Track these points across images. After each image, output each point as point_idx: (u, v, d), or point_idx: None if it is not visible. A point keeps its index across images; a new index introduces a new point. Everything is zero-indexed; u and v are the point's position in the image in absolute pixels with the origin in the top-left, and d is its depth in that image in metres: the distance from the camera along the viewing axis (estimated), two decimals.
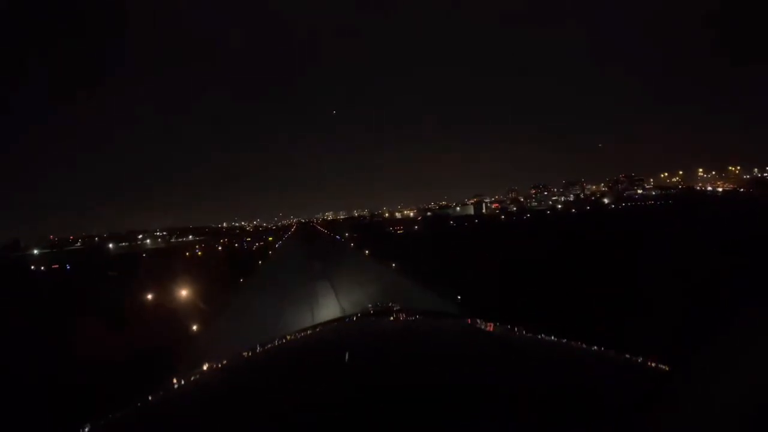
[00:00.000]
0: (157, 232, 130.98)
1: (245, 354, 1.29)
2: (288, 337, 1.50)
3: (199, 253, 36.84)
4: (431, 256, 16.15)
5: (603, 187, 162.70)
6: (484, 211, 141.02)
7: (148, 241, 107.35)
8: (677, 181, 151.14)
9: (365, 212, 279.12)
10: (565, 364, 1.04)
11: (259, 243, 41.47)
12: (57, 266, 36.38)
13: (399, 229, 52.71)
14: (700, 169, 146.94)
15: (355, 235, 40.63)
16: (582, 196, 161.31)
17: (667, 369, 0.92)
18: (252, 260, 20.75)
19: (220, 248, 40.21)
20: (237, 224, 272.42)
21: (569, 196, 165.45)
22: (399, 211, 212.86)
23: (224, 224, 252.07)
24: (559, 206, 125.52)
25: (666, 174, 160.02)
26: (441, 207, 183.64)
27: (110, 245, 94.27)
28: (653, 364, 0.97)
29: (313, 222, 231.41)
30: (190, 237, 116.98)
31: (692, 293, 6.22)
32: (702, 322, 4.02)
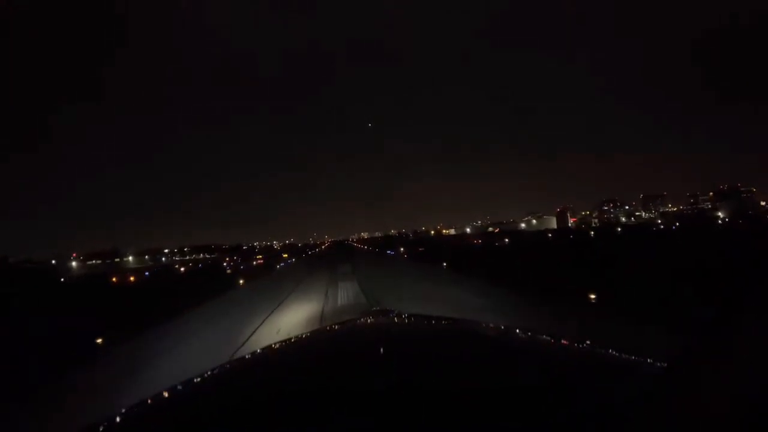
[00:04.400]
0: (166, 249, 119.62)
1: (240, 359, 1.28)
2: (285, 342, 1.46)
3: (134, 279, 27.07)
4: None
5: (677, 205, 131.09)
6: (569, 224, 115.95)
7: (131, 258, 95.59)
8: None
9: (404, 230, 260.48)
10: (562, 364, 1.04)
11: (260, 262, 35.08)
12: None
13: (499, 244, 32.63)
14: None
15: (421, 249, 21.57)
16: (663, 212, 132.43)
17: (663, 367, 0.90)
18: None
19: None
20: (267, 243, 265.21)
21: (651, 212, 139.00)
22: (447, 228, 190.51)
23: (255, 243, 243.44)
24: (658, 221, 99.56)
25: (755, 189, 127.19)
26: (497, 223, 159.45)
27: (73, 264, 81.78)
28: (650, 363, 0.97)
29: (349, 240, 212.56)
30: (201, 255, 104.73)
31: None
32: None
